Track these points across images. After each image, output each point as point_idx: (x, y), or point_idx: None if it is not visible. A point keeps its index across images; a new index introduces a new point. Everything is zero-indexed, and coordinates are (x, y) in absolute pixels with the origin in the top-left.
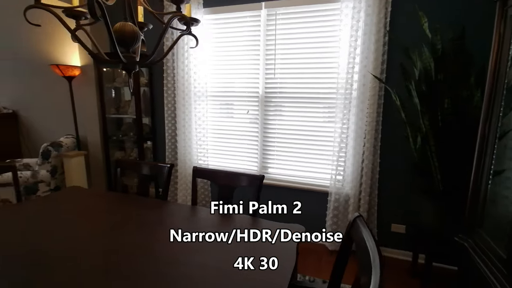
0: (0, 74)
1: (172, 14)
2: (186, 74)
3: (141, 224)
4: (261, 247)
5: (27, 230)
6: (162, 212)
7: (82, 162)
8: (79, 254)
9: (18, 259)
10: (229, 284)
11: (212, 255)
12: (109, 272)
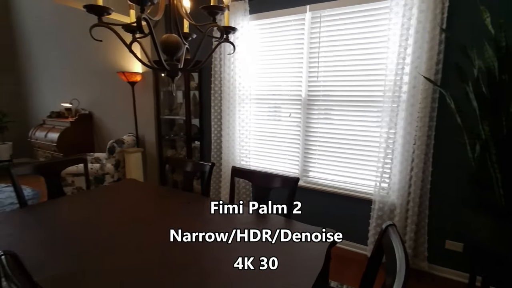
0: (80, 81)
1: (208, 25)
2: (231, 78)
3: (179, 215)
4: (290, 248)
5: (86, 213)
6: (199, 207)
7: (139, 158)
8: (124, 235)
9: (78, 234)
10: (247, 285)
11: (236, 252)
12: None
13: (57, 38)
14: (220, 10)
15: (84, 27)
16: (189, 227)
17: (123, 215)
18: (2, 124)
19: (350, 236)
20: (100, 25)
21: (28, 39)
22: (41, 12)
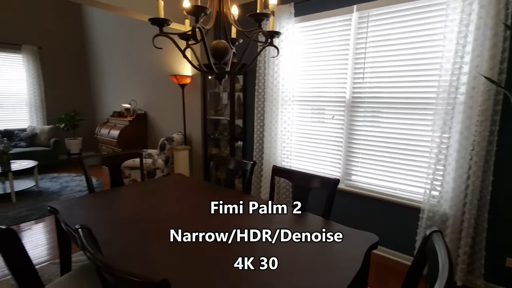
0: (138, 84)
1: (254, 31)
2: (275, 80)
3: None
4: (325, 249)
5: (143, 200)
6: (237, 201)
7: (186, 155)
8: (174, 219)
9: (136, 217)
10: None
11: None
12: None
13: (120, 46)
14: (265, 17)
15: (143, 36)
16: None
17: (173, 204)
18: (75, 122)
19: (393, 244)
20: (161, 35)
21: (96, 46)
22: (107, 23)
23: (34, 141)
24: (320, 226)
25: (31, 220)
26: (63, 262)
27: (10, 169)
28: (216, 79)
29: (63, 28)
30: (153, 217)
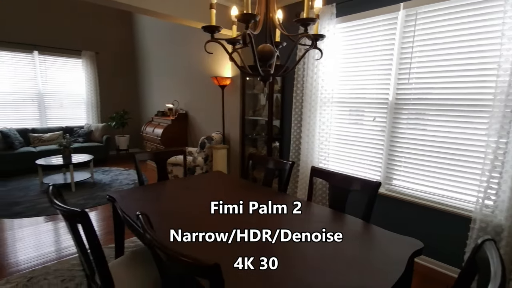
0: (180, 85)
1: (300, 35)
2: (314, 82)
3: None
4: (367, 250)
5: (186, 193)
6: (279, 200)
7: (225, 154)
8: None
9: (181, 207)
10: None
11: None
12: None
13: (165, 49)
14: (312, 22)
15: (186, 40)
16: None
17: (214, 197)
18: (124, 120)
19: (437, 254)
20: (212, 41)
21: (145, 50)
22: (154, 29)
23: (90, 137)
24: (361, 228)
25: (86, 208)
26: (117, 246)
27: (71, 162)
28: (262, 81)
29: (116, 35)
30: (196, 207)
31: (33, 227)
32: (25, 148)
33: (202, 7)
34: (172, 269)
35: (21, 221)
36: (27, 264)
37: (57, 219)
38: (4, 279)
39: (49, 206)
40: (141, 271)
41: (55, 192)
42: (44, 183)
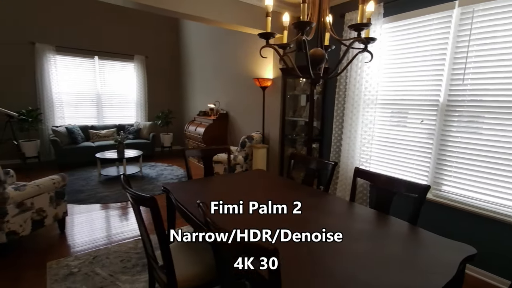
0: (221, 86)
1: (353, 39)
2: (357, 83)
3: (305, 202)
4: (415, 253)
5: (231, 188)
6: (321, 200)
7: (264, 153)
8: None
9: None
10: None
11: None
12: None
13: (208, 52)
14: (365, 27)
15: (228, 43)
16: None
17: (259, 195)
18: (169, 119)
19: (489, 266)
20: (267, 46)
21: (189, 53)
22: (198, 32)
23: (138, 135)
24: (408, 230)
25: None
26: (169, 233)
27: (124, 156)
28: (311, 84)
29: (163, 39)
30: (242, 199)
31: (94, 212)
32: (85, 143)
33: (252, 13)
34: (230, 252)
35: (85, 207)
36: (91, 244)
37: (113, 207)
38: (73, 256)
39: (106, 195)
40: (194, 255)
41: (125, 181)
42: (102, 175)
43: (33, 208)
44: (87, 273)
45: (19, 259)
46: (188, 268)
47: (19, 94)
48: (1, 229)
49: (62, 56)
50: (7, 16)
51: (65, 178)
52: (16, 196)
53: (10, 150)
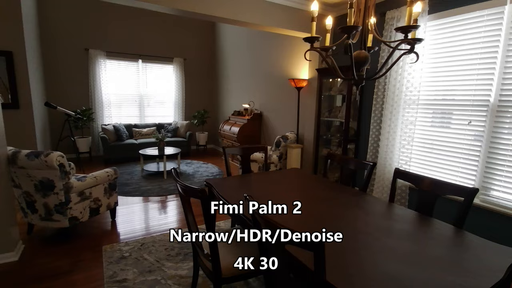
0: (256, 86)
1: (399, 41)
2: (398, 83)
3: (345, 202)
4: (466, 255)
5: (268, 185)
6: (360, 200)
7: (299, 153)
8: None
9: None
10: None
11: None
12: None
13: (243, 53)
14: (414, 29)
15: (263, 44)
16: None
17: (298, 192)
18: (204, 118)
19: None
20: (312, 50)
21: (224, 54)
22: (233, 34)
23: (176, 133)
24: (455, 233)
25: (176, 193)
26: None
27: (164, 153)
28: (354, 85)
29: (200, 42)
30: (283, 194)
31: (139, 204)
32: (129, 140)
33: (292, 16)
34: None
35: (131, 199)
36: (138, 232)
37: (154, 200)
38: (124, 242)
39: (148, 189)
40: (236, 246)
41: (175, 174)
42: (144, 170)
43: (91, 197)
44: (137, 258)
45: (79, 242)
46: (232, 257)
47: (75, 95)
48: (65, 214)
49: (111, 60)
50: (67, 27)
51: (117, 172)
52: (78, 186)
53: (68, 146)
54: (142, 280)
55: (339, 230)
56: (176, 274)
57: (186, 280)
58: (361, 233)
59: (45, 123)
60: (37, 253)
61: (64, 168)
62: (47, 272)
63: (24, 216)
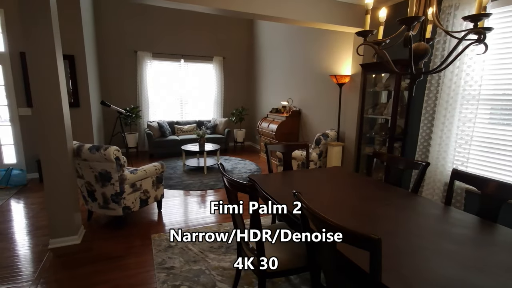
0: (294, 83)
1: (467, 31)
2: (455, 76)
3: (396, 202)
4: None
5: (311, 181)
6: (412, 201)
7: (340, 150)
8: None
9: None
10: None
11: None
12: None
13: (281, 49)
14: (485, 17)
15: (302, 40)
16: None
17: (347, 192)
18: (242, 116)
19: None
20: (365, 44)
21: (262, 51)
22: (271, 31)
23: (215, 130)
24: None
25: (215, 188)
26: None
27: (205, 149)
28: (412, 80)
29: (238, 40)
30: (328, 199)
31: (182, 197)
32: (172, 136)
33: (340, 10)
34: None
35: (175, 192)
36: (182, 224)
37: (195, 194)
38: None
39: (190, 183)
40: (281, 243)
41: (222, 168)
42: (186, 165)
43: (141, 189)
44: (182, 248)
45: (130, 230)
46: (276, 253)
47: (124, 94)
48: (120, 204)
49: (156, 61)
50: (119, 31)
51: (163, 166)
52: (131, 178)
53: (118, 141)
54: (188, 269)
55: (392, 231)
56: (219, 266)
57: (229, 272)
58: (415, 236)
59: (100, 120)
60: (95, 238)
61: (120, 161)
62: (104, 256)
63: (85, 204)
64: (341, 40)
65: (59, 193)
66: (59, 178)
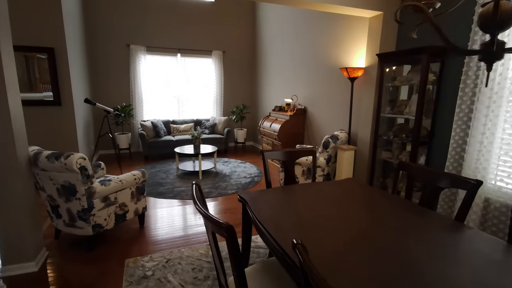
0: (299, 79)
1: None
2: (500, 67)
3: (439, 238)
4: None
5: (318, 205)
6: (462, 235)
7: (352, 155)
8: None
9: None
10: None
11: None
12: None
13: (285, 43)
14: None
15: (307, 33)
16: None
17: (364, 216)
18: (243, 114)
19: None
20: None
21: (264, 45)
22: (274, 22)
23: (214, 129)
24: None
25: (211, 196)
26: (244, 244)
27: (200, 152)
28: (483, 61)
29: (239, 33)
30: (337, 236)
31: (171, 208)
32: (167, 136)
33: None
34: None
35: (163, 202)
36: (167, 243)
37: (188, 203)
38: (149, 256)
39: (182, 190)
40: (272, 283)
41: (198, 191)
42: (180, 169)
43: (117, 203)
44: (159, 279)
45: (103, 251)
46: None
47: (117, 91)
48: (88, 221)
49: (150, 55)
50: (110, 23)
51: (145, 174)
52: (102, 191)
53: (108, 142)
54: None
55: None
56: None
57: None
58: None
59: (88, 120)
60: (61, 262)
61: (86, 172)
62: (67, 285)
63: (50, 220)
64: (354, 28)
65: (10, 212)
66: (7, 193)
